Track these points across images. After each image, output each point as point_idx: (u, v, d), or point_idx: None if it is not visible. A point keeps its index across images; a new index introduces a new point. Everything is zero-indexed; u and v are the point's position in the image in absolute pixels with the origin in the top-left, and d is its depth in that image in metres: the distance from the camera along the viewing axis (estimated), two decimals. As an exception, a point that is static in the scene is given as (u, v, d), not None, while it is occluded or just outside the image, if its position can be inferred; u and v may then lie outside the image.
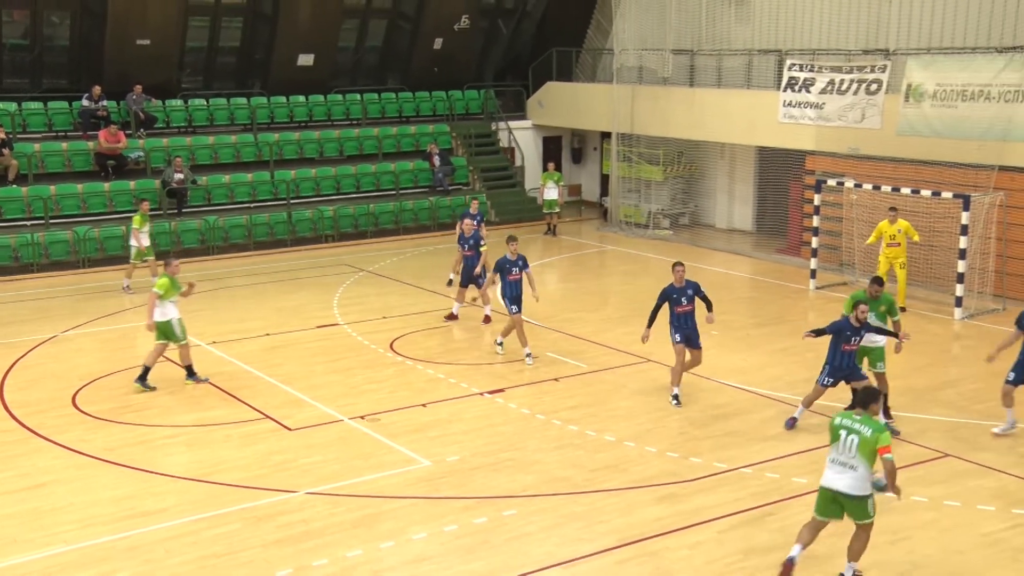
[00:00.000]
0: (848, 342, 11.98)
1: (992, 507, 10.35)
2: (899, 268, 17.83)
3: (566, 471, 11.35)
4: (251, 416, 13.17)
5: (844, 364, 12.02)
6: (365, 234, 25.39)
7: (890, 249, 17.84)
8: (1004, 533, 9.84)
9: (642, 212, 26.52)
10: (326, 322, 17.74)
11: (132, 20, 24.45)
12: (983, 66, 18.60)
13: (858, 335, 12.01)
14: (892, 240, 17.79)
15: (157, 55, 25.24)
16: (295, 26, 26.38)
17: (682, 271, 13.65)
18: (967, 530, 9.92)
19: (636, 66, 26.74)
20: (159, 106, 25.66)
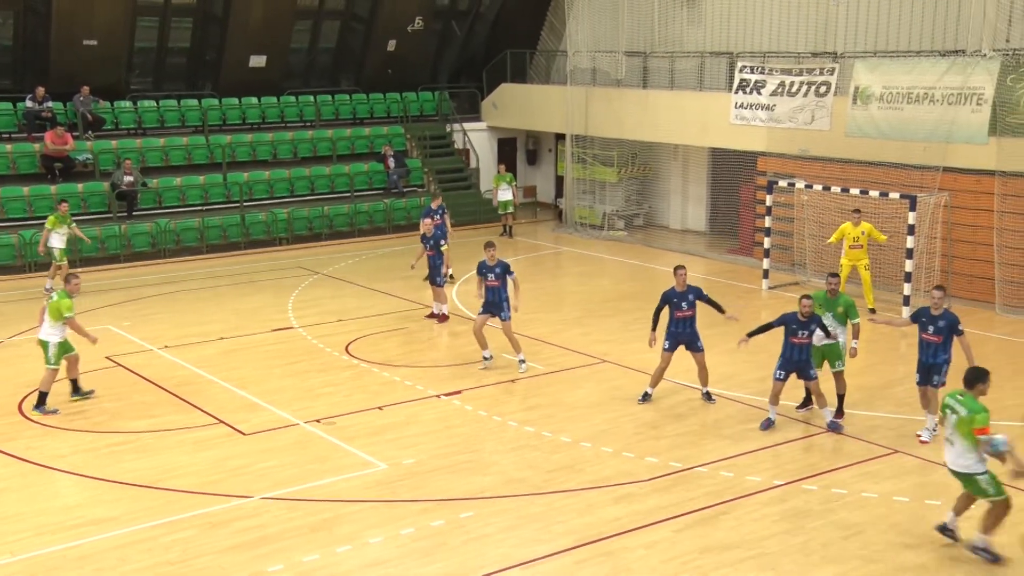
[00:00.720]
0: (795, 335, 12.25)
1: (939, 501, 10.57)
2: (863, 270, 18.05)
3: (523, 472, 11.39)
4: (205, 421, 13.03)
5: (795, 357, 12.28)
6: (320, 236, 25.24)
7: (852, 251, 18.03)
8: (951, 527, 10.05)
9: (597, 213, 26.67)
10: (281, 325, 17.60)
11: (78, 20, 24.05)
12: (927, 69, 19.00)
13: (805, 329, 12.23)
14: (855, 243, 17.99)
15: (104, 56, 24.86)
16: (246, 27, 26.14)
17: (683, 275, 13.32)
18: (916, 524, 10.12)
19: (590, 68, 26.89)
20: (107, 108, 25.27)
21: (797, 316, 12.22)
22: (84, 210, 23.34)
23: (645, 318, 17.99)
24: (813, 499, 10.67)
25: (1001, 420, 12.86)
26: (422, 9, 28.50)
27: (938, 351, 12.02)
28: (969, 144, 18.44)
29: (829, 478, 11.18)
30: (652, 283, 21.27)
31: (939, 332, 11.97)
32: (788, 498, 10.69)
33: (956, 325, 11.93)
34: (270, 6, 26.08)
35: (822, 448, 12.10)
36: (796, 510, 10.42)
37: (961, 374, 9.68)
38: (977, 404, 9.13)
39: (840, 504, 10.56)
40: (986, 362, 15.38)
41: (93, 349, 14.26)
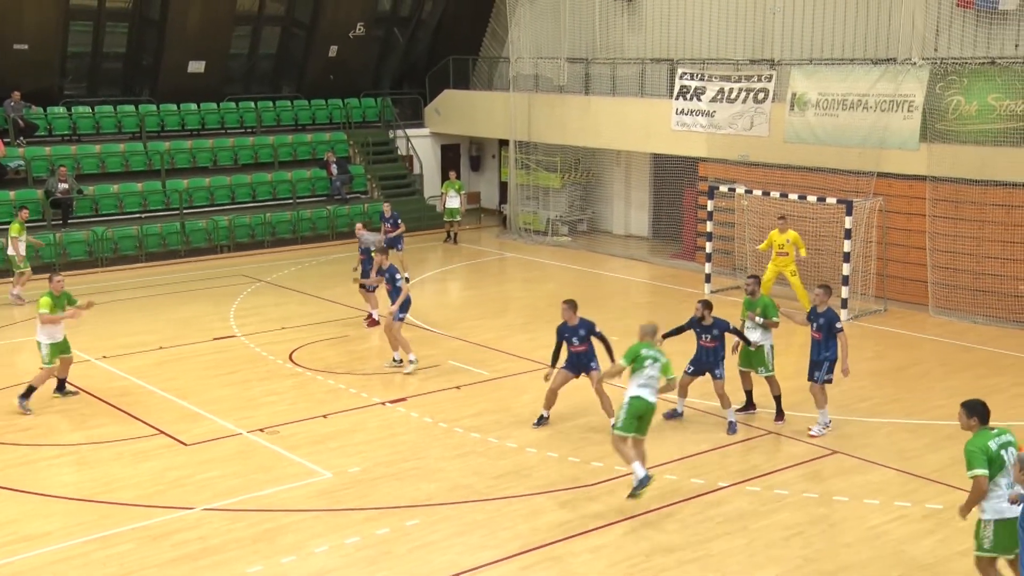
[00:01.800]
0: (700, 338, 12.78)
1: (877, 500, 10.78)
2: (790, 275, 18.30)
3: (469, 479, 11.36)
4: (144, 432, 12.79)
5: (703, 358, 12.80)
6: (262, 244, 24.96)
7: (779, 258, 18.36)
8: (888, 525, 10.27)
9: (541, 219, 26.76)
10: (223, 334, 17.36)
11: (8, 23, 23.48)
12: (860, 77, 19.42)
13: (708, 333, 12.66)
14: (781, 249, 18.30)
15: (36, 60, 24.30)
16: (184, 32, 25.76)
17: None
18: (855, 523, 10.31)
19: (532, 74, 26.98)
20: (40, 113, 24.71)
21: (697, 320, 12.73)
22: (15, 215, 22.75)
23: (590, 323, 18.12)
24: (756, 500, 10.81)
25: (931, 420, 13.20)
26: (364, 15, 28.36)
27: (820, 348, 12.41)
28: (901, 150, 18.88)
29: (772, 479, 11.34)
30: (597, 288, 21.40)
31: (819, 329, 12.37)
32: (732, 499, 10.82)
33: (834, 323, 12.33)
34: (208, 11, 25.74)
35: (765, 450, 12.27)
36: (740, 511, 10.55)
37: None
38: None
39: (782, 505, 10.72)
40: (919, 364, 15.90)
41: (37, 359, 13.86)
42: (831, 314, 12.38)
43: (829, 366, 12.40)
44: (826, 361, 12.38)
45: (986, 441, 7.75)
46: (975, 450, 7.70)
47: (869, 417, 13.37)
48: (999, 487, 7.66)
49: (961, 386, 14.40)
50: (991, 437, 7.78)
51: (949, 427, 12.78)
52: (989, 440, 7.75)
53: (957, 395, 13.93)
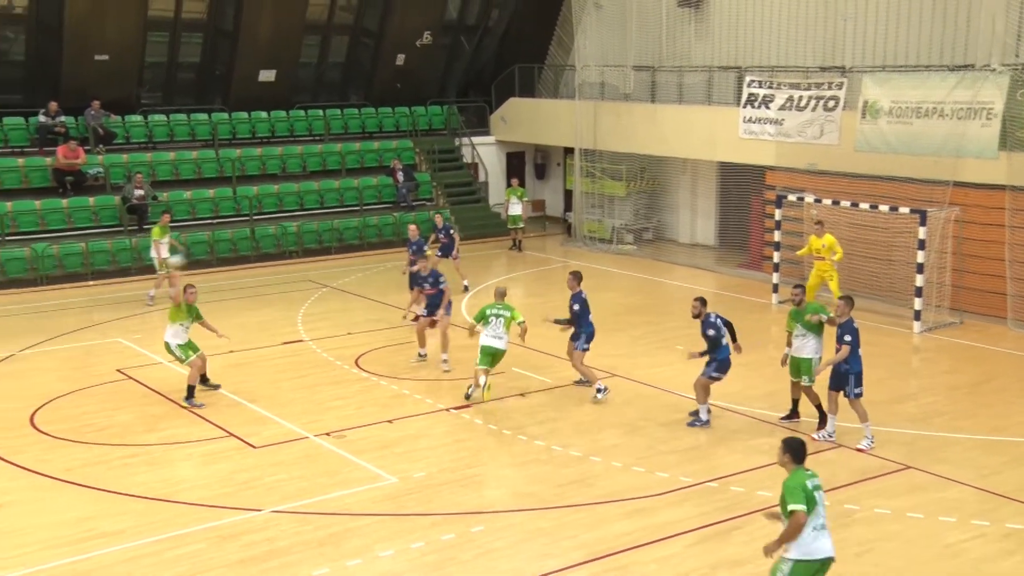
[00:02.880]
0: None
1: (953, 518, 10.48)
2: (829, 279, 18.10)
3: (533, 486, 11.32)
4: (215, 434, 12.99)
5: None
6: (329, 250, 25.26)
7: (818, 263, 18.13)
8: (965, 544, 9.96)
9: (606, 227, 26.64)
10: (291, 338, 17.59)
11: (90, 35, 24.16)
12: (936, 84, 18.95)
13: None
14: (817, 254, 18.08)
15: (116, 70, 24.96)
16: (256, 42, 26.24)
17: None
18: (930, 541, 10.03)
19: (598, 82, 26.91)
20: (118, 122, 25.36)
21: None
22: (95, 223, 23.41)
23: (654, 333, 18.01)
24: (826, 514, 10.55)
25: (1009, 436, 12.79)
26: (431, 24, 28.58)
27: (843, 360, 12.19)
28: (979, 158, 18.37)
29: (841, 493, 11.09)
30: (661, 297, 21.23)
31: (839, 341, 12.19)
32: (800, 513, 10.59)
33: (843, 336, 12.11)
34: (280, 21, 26.19)
35: (834, 463, 12.01)
36: (808, 525, 10.31)
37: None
38: None
39: (852, 520, 10.47)
40: (997, 378, 15.43)
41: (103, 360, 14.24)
42: (848, 325, 12.13)
43: (855, 379, 12.18)
44: (851, 375, 12.15)
45: (803, 480, 7.64)
46: (795, 487, 7.57)
47: (944, 432, 13.01)
48: (807, 528, 7.56)
49: (1041, 402, 13.96)
50: (807, 477, 7.68)
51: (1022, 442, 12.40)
52: (805, 480, 7.65)
53: (1038, 411, 13.61)
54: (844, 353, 12.08)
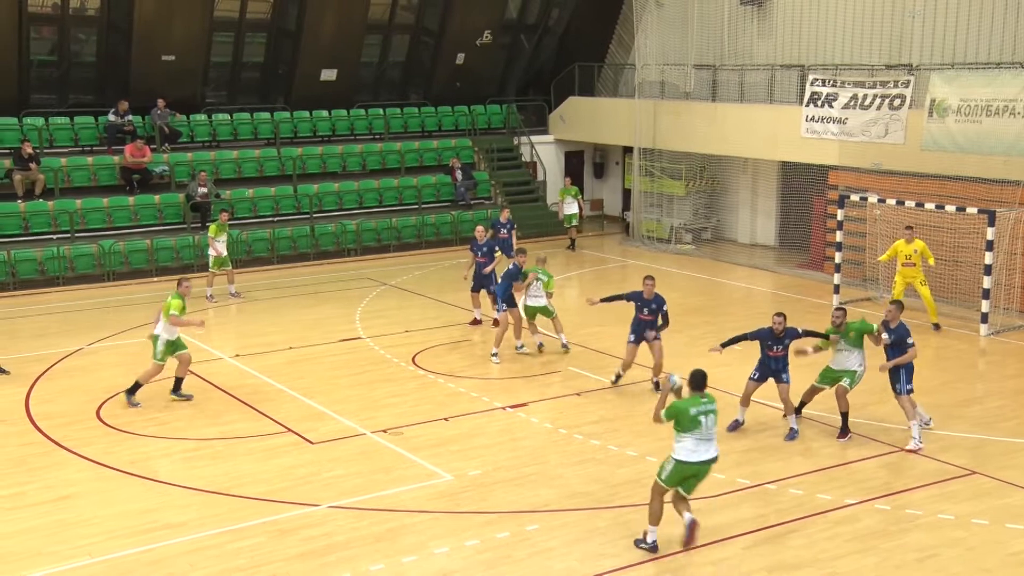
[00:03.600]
0: (770, 349, 12.86)
1: (1020, 526, 10.24)
2: (919, 285, 17.65)
3: (588, 486, 11.32)
4: (274, 429, 13.21)
5: (771, 366, 12.85)
6: (387, 248, 25.48)
7: (906, 269, 17.67)
8: (1032, 552, 9.73)
9: (664, 227, 26.49)
10: (349, 335, 17.79)
11: (157, 36, 24.70)
12: (1008, 82, 18.48)
13: (780, 344, 12.77)
14: (908, 260, 17.62)
15: (182, 70, 25.49)
16: (318, 41, 26.58)
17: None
18: (995, 548, 9.81)
19: (658, 81, 26.75)
20: (183, 121, 25.89)
21: (772, 331, 12.76)
22: (160, 221, 23.94)
23: (713, 333, 17.86)
24: (886, 519, 10.41)
25: (1085, 443, 12.44)
26: (491, 23, 28.67)
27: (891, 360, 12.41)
28: (1051, 158, 17.90)
29: (903, 498, 10.90)
30: (720, 297, 21.04)
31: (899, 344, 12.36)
32: (860, 517, 10.45)
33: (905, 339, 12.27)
34: (342, 21, 26.49)
35: (896, 467, 11.81)
36: (869, 530, 10.18)
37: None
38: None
39: (914, 525, 10.30)
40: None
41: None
42: (902, 329, 12.31)
43: (907, 375, 12.28)
44: (902, 370, 12.25)
45: (688, 405, 9.68)
46: (681, 408, 9.68)
47: (1011, 437, 12.71)
48: (687, 440, 9.63)
49: (1114, 409, 13.56)
50: (694, 403, 9.69)
51: None
52: (690, 405, 9.66)
53: (1110, 418, 13.21)
54: (913, 353, 12.27)
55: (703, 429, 9.64)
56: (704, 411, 9.68)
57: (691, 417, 9.61)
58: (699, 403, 9.69)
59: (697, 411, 9.64)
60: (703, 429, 9.64)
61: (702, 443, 9.66)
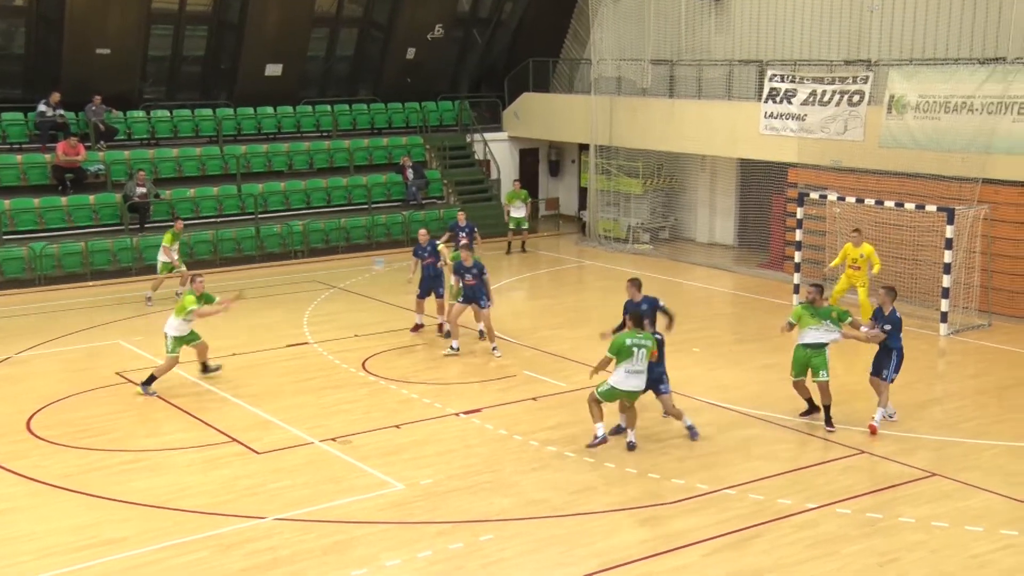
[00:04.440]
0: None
1: (980, 527, 10.44)
2: (859, 287, 17.73)
3: (544, 493, 11.34)
4: (217, 439, 13.06)
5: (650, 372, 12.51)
6: (336, 249, 25.32)
7: (851, 271, 17.79)
8: (993, 555, 9.92)
9: (621, 226, 26.63)
10: (296, 341, 17.65)
11: (91, 28, 24.30)
12: (965, 78, 18.88)
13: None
14: (854, 263, 17.76)
15: (118, 64, 25.10)
16: (262, 35, 26.34)
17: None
18: (956, 551, 9.99)
19: (614, 76, 26.89)
20: (120, 117, 25.51)
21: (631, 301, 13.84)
22: (96, 222, 23.55)
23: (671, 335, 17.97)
24: (847, 523, 10.56)
25: (1045, 442, 12.72)
26: (442, 17, 28.63)
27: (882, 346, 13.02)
28: (1010, 154, 18.28)
29: (864, 501, 11.07)
30: (678, 298, 21.16)
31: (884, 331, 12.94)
32: (821, 522, 10.59)
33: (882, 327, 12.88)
34: (287, 14, 26.28)
35: (857, 470, 11.99)
36: (830, 535, 10.32)
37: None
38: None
39: (875, 529, 10.45)
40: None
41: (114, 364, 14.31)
42: (894, 316, 12.85)
43: (897, 364, 12.84)
44: (896, 358, 12.84)
45: (625, 338, 11.98)
46: (619, 340, 11.99)
47: (971, 438, 12.96)
48: (620, 369, 11.95)
49: (1073, 408, 13.88)
50: (631, 336, 12.01)
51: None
52: (626, 338, 11.96)
53: (1069, 417, 13.54)
54: (878, 336, 12.80)
55: (634, 359, 11.88)
56: (637, 344, 11.90)
57: (626, 347, 11.85)
58: (635, 336, 11.98)
59: (632, 342, 11.90)
60: (634, 359, 11.88)
61: (632, 375, 11.94)
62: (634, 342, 11.92)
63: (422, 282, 17.92)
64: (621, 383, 12.01)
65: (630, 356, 11.88)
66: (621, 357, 11.91)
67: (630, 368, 11.93)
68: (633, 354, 11.89)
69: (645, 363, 12.00)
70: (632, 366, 11.93)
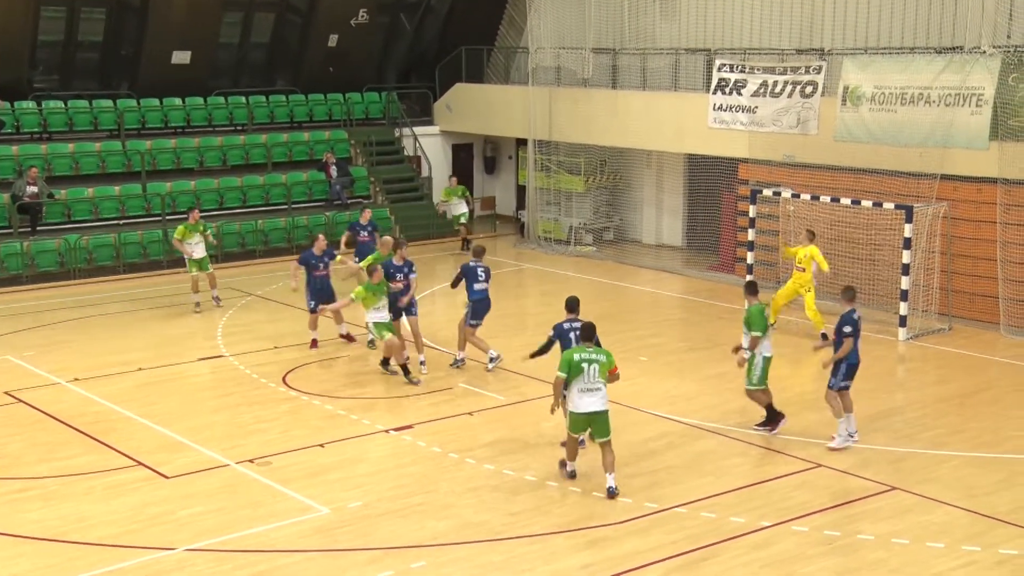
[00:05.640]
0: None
1: (942, 544, 10.68)
2: (804, 292, 17.86)
3: (482, 515, 11.34)
4: (120, 463, 12.85)
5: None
6: (253, 253, 25.10)
7: (797, 274, 17.89)
8: (955, 572, 10.16)
9: (562, 227, 26.78)
10: (209, 354, 17.45)
11: (-29, 11, 23.79)
12: (922, 68, 19.32)
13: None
14: (799, 264, 17.83)
15: (2, 50, 24.58)
16: (168, 19, 26.00)
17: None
18: (917, 570, 10.20)
19: (553, 66, 27.04)
20: (7, 109, 24.98)
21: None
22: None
23: (618, 343, 18.09)
24: (804, 542, 10.73)
25: (1002, 452, 13.08)
26: (367, 1, 28.55)
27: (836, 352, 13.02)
28: (968, 149, 18.74)
29: (821, 518, 11.25)
30: (624, 303, 21.37)
31: (838, 335, 12.95)
32: (777, 541, 10.74)
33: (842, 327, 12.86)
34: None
35: (813, 485, 12.18)
36: (785, 554, 10.47)
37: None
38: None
39: (832, 548, 10.63)
40: (988, 389, 15.75)
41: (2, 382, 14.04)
42: (845, 318, 12.91)
43: (847, 370, 12.87)
44: (843, 363, 12.83)
45: (573, 354, 11.64)
46: (565, 357, 11.66)
47: (932, 449, 13.26)
48: (573, 389, 11.59)
49: (1036, 415, 14.29)
50: (579, 351, 11.65)
51: (1019, 459, 12.67)
52: (575, 354, 11.62)
53: (1032, 425, 13.92)
54: (846, 348, 12.76)
55: (585, 376, 11.50)
56: (587, 359, 11.55)
57: (575, 363, 11.50)
58: (584, 351, 11.64)
59: (581, 358, 11.54)
60: (585, 376, 11.50)
61: (586, 394, 11.54)
62: (583, 357, 11.56)
63: (315, 294, 17.55)
64: (578, 406, 11.57)
65: (580, 373, 11.51)
66: (572, 375, 11.52)
67: (583, 387, 11.54)
68: (583, 371, 11.51)
69: (601, 380, 11.56)
70: (585, 384, 11.53)
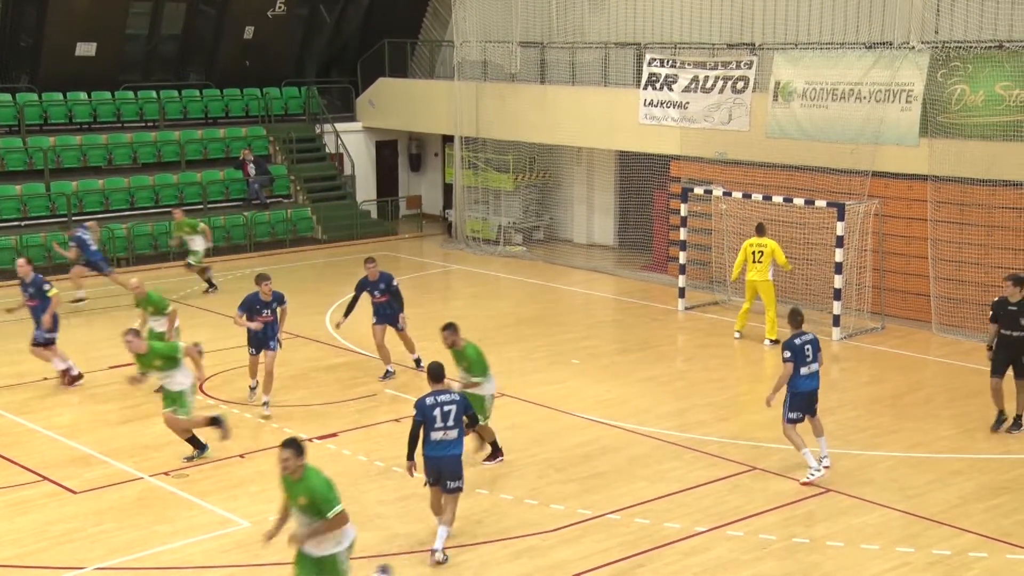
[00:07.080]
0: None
1: (876, 546, 10.92)
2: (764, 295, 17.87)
3: (410, 526, 11.33)
4: (24, 479, 12.60)
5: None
6: (166, 256, 24.74)
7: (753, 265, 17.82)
8: (889, 574, 10.40)
9: (491, 226, 26.83)
10: (120, 362, 17.14)
11: None
12: (853, 63, 19.76)
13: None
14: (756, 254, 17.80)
15: None
16: (70, 8, 25.50)
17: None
18: (852, 572, 10.42)
19: (480, 60, 27.08)
20: (-103, 104, 24.36)
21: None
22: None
23: (549, 345, 18.21)
24: (739, 547, 10.89)
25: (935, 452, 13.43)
26: (285, -9, 28.36)
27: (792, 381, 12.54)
28: (899, 146, 19.23)
29: (756, 522, 11.43)
30: (555, 305, 21.48)
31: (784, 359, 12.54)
32: (711, 546, 10.89)
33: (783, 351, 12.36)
34: (101, -16, 25.57)
35: (747, 489, 12.38)
36: (721, 560, 10.62)
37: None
38: None
39: (768, 552, 10.81)
40: (921, 389, 16.15)
41: None
42: (786, 344, 12.39)
43: (791, 401, 12.41)
44: (789, 394, 12.43)
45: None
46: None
47: (866, 450, 13.55)
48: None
49: (970, 413, 14.69)
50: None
51: (957, 461, 13.04)
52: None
53: (965, 424, 14.31)
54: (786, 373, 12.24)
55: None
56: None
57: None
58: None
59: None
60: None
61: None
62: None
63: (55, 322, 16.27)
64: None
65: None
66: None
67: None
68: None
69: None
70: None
